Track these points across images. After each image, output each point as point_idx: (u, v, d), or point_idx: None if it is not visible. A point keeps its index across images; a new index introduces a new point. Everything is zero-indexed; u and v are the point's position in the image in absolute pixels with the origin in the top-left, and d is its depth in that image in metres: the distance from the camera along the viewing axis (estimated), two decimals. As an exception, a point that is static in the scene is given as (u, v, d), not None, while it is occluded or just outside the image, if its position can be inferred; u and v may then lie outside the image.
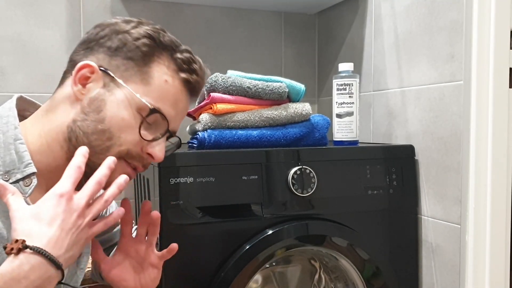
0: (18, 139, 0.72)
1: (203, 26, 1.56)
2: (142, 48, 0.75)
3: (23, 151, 0.71)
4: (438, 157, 1.16)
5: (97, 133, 0.72)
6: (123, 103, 0.73)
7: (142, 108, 0.73)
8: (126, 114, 0.73)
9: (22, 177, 0.70)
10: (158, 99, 0.75)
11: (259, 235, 1.03)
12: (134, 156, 0.75)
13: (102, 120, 0.72)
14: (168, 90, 0.76)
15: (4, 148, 0.71)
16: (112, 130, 0.72)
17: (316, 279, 1.26)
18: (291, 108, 1.13)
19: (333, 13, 1.62)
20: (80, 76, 0.74)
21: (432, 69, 1.18)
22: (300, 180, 1.06)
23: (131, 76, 0.74)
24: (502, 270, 1.09)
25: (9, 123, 0.72)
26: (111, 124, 0.72)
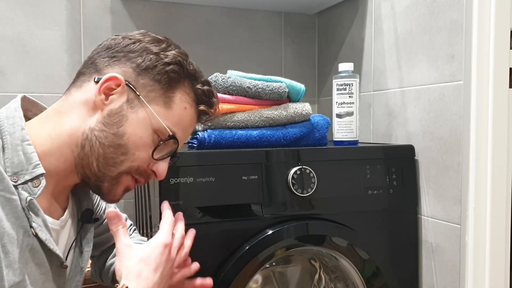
0: (26, 140, 0.72)
1: (203, 26, 1.56)
2: (170, 73, 0.77)
3: (31, 152, 0.71)
4: (438, 157, 1.16)
5: (113, 146, 0.74)
6: (144, 122, 0.75)
7: (161, 130, 0.76)
8: (145, 133, 0.75)
9: (30, 178, 0.70)
10: (175, 124, 0.78)
11: (259, 235, 1.03)
12: (141, 172, 0.78)
13: (122, 135, 0.74)
14: (185, 117, 0.79)
15: (12, 150, 0.71)
16: (129, 146, 0.75)
17: (316, 279, 1.26)
18: (291, 108, 1.13)
19: (333, 13, 1.62)
20: (106, 87, 0.74)
21: (432, 69, 1.18)
22: (300, 180, 1.06)
23: (155, 98, 0.76)
24: (502, 270, 1.09)
25: (16, 124, 0.73)
26: (129, 140, 0.74)
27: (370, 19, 1.42)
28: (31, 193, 0.70)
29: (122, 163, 0.75)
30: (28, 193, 0.70)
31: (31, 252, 0.70)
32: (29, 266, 0.70)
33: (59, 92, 0.80)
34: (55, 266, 0.76)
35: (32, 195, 0.70)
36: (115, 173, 0.76)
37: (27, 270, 0.70)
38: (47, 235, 0.73)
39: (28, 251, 0.70)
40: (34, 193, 0.71)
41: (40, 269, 0.72)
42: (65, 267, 0.78)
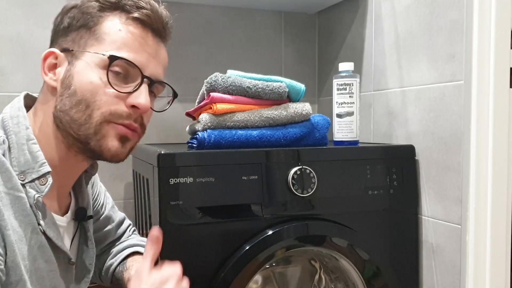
0: (31, 139, 0.72)
1: (203, 26, 1.56)
2: (88, 11, 0.74)
3: (36, 151, 0.72)
4: (439, 157, 1.15)
5: (74, 106, 0.72)
6: (86, 68, 0.73)
7: (104, 62, 0.72)
8: (92, 76, 0.72)
9: (37, 177, 0.71)
10: (118, 49, 0.73)
11: (259, 235, 1.03)
12: (121, 114, 0.73)
13: (74, 93, 0.72)
14: (125, 37, 0.74)
15: (18, 149, 0.72)
16: (86, 98, 0.72)
17: (316, 279, 1.25)
18: (291, 108, 1.13)
19: (333, 13, 1.62)
20: (47, 66, 0.76)
21: (433, 69, 1.17)
22: (300, 180, 1.06)
23: (86, 42, 0.74)
24: (502, 270, 1.09)
25: (20, 124, 0.73)
26: (82, 92, 0.72)
27: (370, 18, 1.41)
28: (38, 191, 0.71)
29: (92, 116, 0.72)
30: (35, 191, 0.71)
31: (40, 249, 0.71)
32: (37, 263, 0.71)
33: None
34: (63, 262, 0.77)
35: (39, 193, 0.71)
36: (92, 128, 0.72)
37: (35, 267, 0.70)
38: (55, 232, 0.74)
39: (37, 248, 0.71)
40: (42, 191, 0.71)
41: (49, 266, 0.73)
42: (73, 263, 0.79)
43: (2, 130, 0.73)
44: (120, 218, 1.07)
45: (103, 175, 1.43)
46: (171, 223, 0.97)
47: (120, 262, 0.98)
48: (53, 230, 0.74)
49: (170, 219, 0.97)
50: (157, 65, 0.78)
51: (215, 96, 1.07)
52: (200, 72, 1.49)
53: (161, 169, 0.97)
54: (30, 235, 0.70)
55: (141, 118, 0.77)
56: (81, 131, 0.72)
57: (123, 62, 0.73)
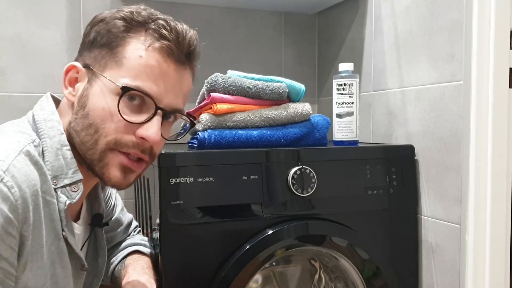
0: (65, 146, 0.71)
1: (203, 26, 1.56)
2: (113, 30, 0.72)
3: (70, 157, 0.71)
4: (438, 157, 1.16)
5: (85, 129, 0.71)
6: (101, 92, 0.71)
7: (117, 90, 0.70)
8: (105, 102, 0.70)
9: (69, 183, 0.70)
10: (136, 77, 0.70)
11: (259, 235, 1.03)
12: (126, 144, 0.71)
13: (87, 115, 0.71)
14: (145, 65, 0.70)
15: (53, 153, 0.70)
16: (96, 123, 0.70)
17: (316, 279, 1.26)
18: (291, 108, 1.13)
19: (333, 13, 1.62)
20: (69, 79, 0.74)
21: (432, 69, 1.17)
22: (300, 180, 1.06)
23: (106, 63, 0.71)
24: (502, 270, 1.09)
25: (55, 128, 0.72)
26: (93, 116, 0.70)
27: (370, 19, 1.42)
28: (69, 197, 0.70)
29: (98, 142, 0.71)
30: (66, 197, 0.70)
31: (59, 255, 0.71)
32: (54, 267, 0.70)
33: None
34: (76, 268, 0.77)
35: (70, 199, 0.70)
36: (97, 154, 0.71)
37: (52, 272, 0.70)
38: (74, 239, 0.74)
39: (57, 254, 0.70)
40: (73, 197, 0.71)
41: (65, 272, 0.73)
42: (86, 269, 0.79)
43: (34, 133, 0.71)
44: (128, 221, 1.08)
45: (103, 175, 1.43)
46: (171, 223, 0.97)
47: (120, 261, 0.98)
48: (72, 237, 0.74)
49: (171, 219, 0.97)
50: (176, 95, 0.75)
51: (216, 96, 1.07)
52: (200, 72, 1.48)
53: (161, 169, 0.97)
54: (52, 240, 0.69)
55: (151, 148, 0.75)
56: (88, 155, 0.72)
57: (139, 93, 0.71)
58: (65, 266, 0.73)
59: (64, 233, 0.70)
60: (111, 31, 0.72)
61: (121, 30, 0.72)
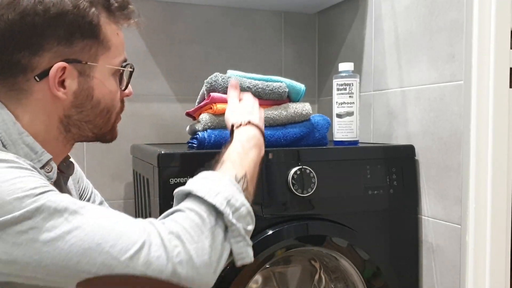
0: (22, 132, 0.71)
1: (203, 26, 1.56)
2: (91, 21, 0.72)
3: (32, 142, 0.71)
4: (438, 157, 1.15)
5: (99, 115, 0.77)
6: (104, 79, 0.76)
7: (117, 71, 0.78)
8: (110, 85, 0.77)
9: (42, 166, 0.71)
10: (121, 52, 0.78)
11: (259, 235, 1.03)
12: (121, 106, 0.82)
13: (98, 103, 0.76)
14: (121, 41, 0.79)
15: (13, 144, 0.70)
16: (108, 106, 0.78)
17: (316, 279, 1.25)
18: (291, 108, 1.13)
19: (333, 13, 1.62)
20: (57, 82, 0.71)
21: (432, 69, 1.17)
22: (300, 180, 1.06)
23: (96, 51, 0.74)
24: (502, 270, 1.09)
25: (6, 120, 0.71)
26: (105, 102, 0.77)
27: (370, 19, 1.41)
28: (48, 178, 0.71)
29: (110, 118, 0.79)
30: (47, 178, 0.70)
31: None
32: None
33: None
34: None
35: (49, 180, 0.71)
36: (110, 126, 0.80)
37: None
38: None
39: None
40: (51, 177, 0.72)
41: None
42: None
43: None
44: None
45: (103, 175, 1.43)
46: (171, 223, 0.97)
47: None
48: None
49: (170, 219, 0.97)
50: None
51: (215, 96, 1.07)
52: (200, 72, 1.49)
53: (161, 169, 0.97)
54: None
55: None
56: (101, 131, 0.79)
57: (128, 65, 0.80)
58: None
59: None
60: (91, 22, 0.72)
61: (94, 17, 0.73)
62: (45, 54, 0.70)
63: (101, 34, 0.74)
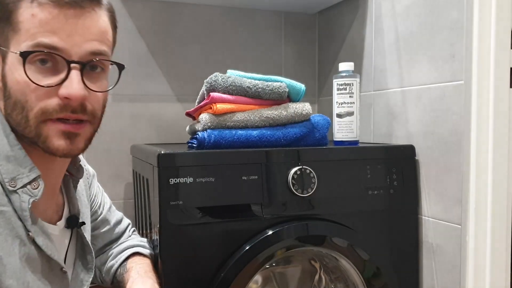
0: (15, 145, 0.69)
1: (203, 26, 1.56)
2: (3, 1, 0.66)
3: (23, 156, 0.70)
4: (439, 157, 1.15)
5: (13, 109, 0.68)
6: (13, 66, 0.66)
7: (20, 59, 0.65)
8: (18, 75, 0.66)
9: (28, 181, 0.69)
10: (33, 38, 0.65)
11: (259, 235, 1.03)
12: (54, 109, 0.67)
13: (9, 94, 0.67)
14: (39, 22, 0.65)
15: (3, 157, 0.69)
16: (19, 99, 0.67)
17: (316, 279, 1.25)
18: (291, 108, 1.13)
19: (334, 12, 1.62)
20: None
21: (433, 69, 1.17)
22: (300, 180, 1.06)
23: (7, 34, 0.67)
24: (502, 270, 1.09)
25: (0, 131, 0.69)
26: (14, 93, 0.67)
27: (370, 18, 1.41)
28: (32, 195, 0.69)
29: (28, 118, 0.67)
30: (29, 195, 0.69)
31: (27, 261, 0.69)
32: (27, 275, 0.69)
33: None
34: (56, 270, 0.75)
35: (33, 197, 0.69)
36: (33, 131, 0.68)
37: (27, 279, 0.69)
38: (45, 241, 0.72)
39: (25, 261, 0.69)
40: (35, 194, 0.69)
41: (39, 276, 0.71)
42: (65, 271, 0.77)
43: None
44: (117, 218, 1.07)
45: (103, 175, 1.43)
46: (171, 223, 0.97)
47: (121, 264, 0.98)
48: (43, 238, 0.72)
49: (170, 219, 0.97)
50: (85, 39, 0.68)
51: (215, 96, 1.07)
52: (200, 72, 1.49)
53: (161, 169, 0.97)
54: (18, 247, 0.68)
55: (82, 106, 0.69)
56: (26, 133, 0.69)
57: (40, 54, 0.65)
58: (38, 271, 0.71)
59: (30, 233, 0.69)
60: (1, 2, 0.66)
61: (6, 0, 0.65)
62: None
63: (12, 15, 0.65)
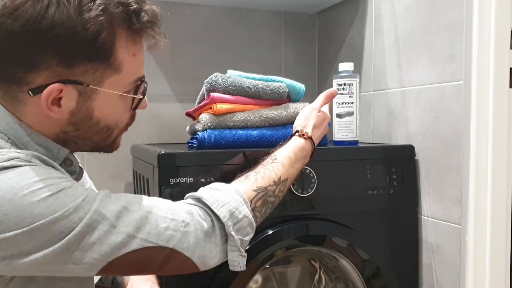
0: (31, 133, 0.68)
1: (203, 26, 1.56)
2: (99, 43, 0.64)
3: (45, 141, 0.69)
4: (438, 157, 1.15)
5: (97, 133, 0.73)
6: (108, 101, 0.70)
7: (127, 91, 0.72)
8: (115, 107, 0.72)
9: (61, 162, 0.71)
10: (135, 72, 0.72)
11: (259, 235, 1.03)
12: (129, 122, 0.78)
13: (97, 123, 0.71)
14: (138, 59, 0.71)
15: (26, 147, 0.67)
16: (110, 124, 0.73)
17: (316, 279, 1.25)
18: (291, 108, 1.13)
19: (333, 13, 1.62)
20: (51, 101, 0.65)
21: (432, 69, 1.17)
22: (300, 180, 1.06)
23: (102, 74, 0.67)
24: (502, 270, 1.09)
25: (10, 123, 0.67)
26: (106, 121, 0.72)
27: (370, 18, 1.41)
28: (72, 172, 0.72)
29: (111, 136, 0.75)
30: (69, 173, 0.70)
31: None
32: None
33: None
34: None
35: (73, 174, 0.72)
36: (110, 141, 0.76)
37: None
38: None
39: None
40: (74, 171, 0.73)
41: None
42: None
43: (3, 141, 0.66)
44: None
45: (103, 175, 1.43)
46: (171, 223, 0.97)
47: None
48: None
49: (170, 219, 0.97)
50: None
51: (215, 96, 1.07)
52: (200, 72, 1.49)
53: (161, 169, 0.97)
54: None
55: None
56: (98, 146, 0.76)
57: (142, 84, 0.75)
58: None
59: None
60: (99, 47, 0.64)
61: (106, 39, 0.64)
62: (42, 72, 0.63)
63: (112, 58, 0.66)
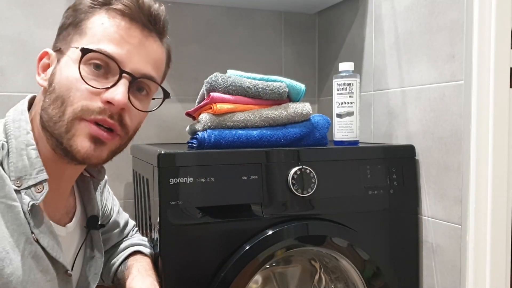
0: (30, 145, 0.71)
1: (203, 26, 1.56)
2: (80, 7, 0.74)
3: (35, 157, 0.70)
4: (439, 157, 1.15)
5: (52, 103, 0.70)
6: (66, 64, 0.71)
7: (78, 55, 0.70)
8: (69, 71, 0.70)
9: (34, 184, 0.69)
10: (98, 42, 0.70)
11: (259, 235, 1.03)
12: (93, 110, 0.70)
13: (53, 90, 0.71)
14: (106, 30, 0.71)
15: (17, 154, 0.70)
16: (62, 94, 0.70)
17: (316, 279, 1.25)
18: (291, 108, 1.13)
19: (333, 12, 1.62)
20: (41, 66, 0.76)
21: (433, 69, 1.17)
22: (300, 180, 1.06)
23: (71, 38, 0.73)
24: (502, 270, 1.09)
25: (21, 128, 0.72)
26: (60, 88, 0.70)
27: (370, 18, 1.41)
28: (33, 198, 0.69)
29: (64, 113, 0.69)
30: (30, 198, 0.69)
31: (34, 259, 0.69)
32: (33, 273, 0.69)
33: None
34: (61, 273, 0.75)
35: (34, 200, 0.69)
36: (64, 126, 0.69)
37: (31, 278, 0.69)
38: (50, 242, 0.72)
39: (31, 258, 0.69)
40: (37, 198, 0.69)
41: (46, 276, 0.71)
42: (70, 275, 0.77)
43: (3, 134, 0.71)
44: (125, 221, 1.08)
45: (103, 175, 1.43)
46: (171, 223, 0.97)
47: (122, 262, 0.98)
48: (49, 239, 0.72)
49: (170, 219, 0.97)
50: (142, 59, 0.73)
51: (215, 96, 1.07)
52: (200, 72, 1.49)
53: (161, 169, 0.97)
54: (24, 245, 0.68)
55: (120, 116, 0.72)
56: (56, 129, 0.70)
57: (99, 55, 0.69)
58: (45, 270, 0.71)
59: (34, 235, 0.69)
60: (77, 9, 0.74)
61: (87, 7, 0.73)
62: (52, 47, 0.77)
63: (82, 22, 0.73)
